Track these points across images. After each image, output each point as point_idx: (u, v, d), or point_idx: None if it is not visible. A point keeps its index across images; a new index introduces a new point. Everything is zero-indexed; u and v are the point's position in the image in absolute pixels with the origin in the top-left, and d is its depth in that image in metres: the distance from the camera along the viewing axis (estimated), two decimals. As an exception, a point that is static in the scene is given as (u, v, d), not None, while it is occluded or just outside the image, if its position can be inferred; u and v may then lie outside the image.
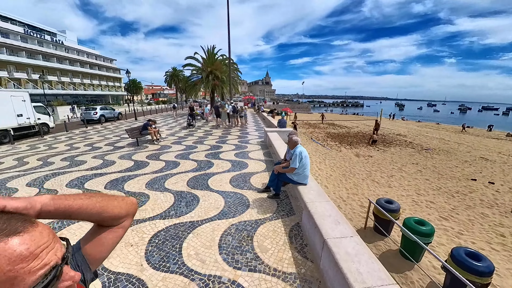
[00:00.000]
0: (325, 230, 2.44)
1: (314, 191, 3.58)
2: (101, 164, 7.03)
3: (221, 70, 25.29)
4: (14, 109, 12.17)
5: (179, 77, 45.47)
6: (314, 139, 15.97)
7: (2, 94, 11.98)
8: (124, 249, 2.99)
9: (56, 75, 43.29)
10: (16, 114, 12.27)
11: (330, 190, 6.67)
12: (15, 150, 9.85)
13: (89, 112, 19.61)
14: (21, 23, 40.34)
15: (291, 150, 4.11)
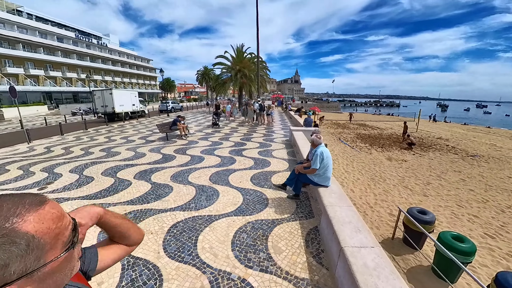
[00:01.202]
0: (343, 237, 2.27)
1: (336, 194, 3.38)
2: (133, 156, 7.55)
3: (250, 68, 25.43)
4: (131, 101, 20.38)
5: (210, 75, 46.96)
6: (343, 140, 15.25)
7: (126, 92, 20.77)
8: (144, 236, 3.14)
9: (101, 75, 48.01)
10: (131, 104, 20.39)
11: (356, 194, 6.28)
12: (64, 141, 11.08)
13: (164, 104, 29.44)
14: (73, 28, 45.61)
15: (313, 149, 3.95)
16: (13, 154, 8.40)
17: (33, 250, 0.40)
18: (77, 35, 44.57)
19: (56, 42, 39.81)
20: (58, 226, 0.45)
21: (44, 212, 0.43)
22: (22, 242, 0.38)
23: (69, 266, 0.48)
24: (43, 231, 0.41)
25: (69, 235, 0.47)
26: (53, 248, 0.43)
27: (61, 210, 0.48)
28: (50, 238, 0.43)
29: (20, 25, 35.53)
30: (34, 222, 0.41)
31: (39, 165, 6.80)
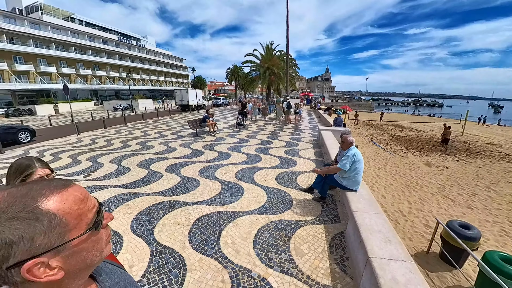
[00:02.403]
0: (371, 247, 2.13)
1: (365, 200, 3.20)
2: (165, 150, 8.02)
3: (278, 65, 25.21)
4: (196, 97, 25.48)
5: (239, 73, 47.71)
6: (375, 141, 14.36)
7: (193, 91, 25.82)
8: (172, 227, 3.33)
9: (139, 74, 51.78)
10: (198, 99, 25.75)
11: (388, 201, 5.87)
12: (106, 134, 12.18)
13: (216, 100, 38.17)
14: (116, 32, 50.15)
15: (344, 151, 3.76)
16: (65, 144, 9.51)
17: (55, 227, 0.43)
18: (120, 38, 49.02)
19: (102, 45, 44.21)
20: (80, 208, 0.48)
21: (66, 194, 0.47)
22: (45, 219, 0.42)
23: (96, 247, 0.51)
24: (64, 211, 0.45)
25: (92, 217, 0.50)
26: (76, 228, 0.46)
27: (85, 194, 0.51)
28: (72, 218, 0.46)
29: (73, 30, 40.07)
30: (56, 202, 0.45)
31: (85, 155, 7.59)
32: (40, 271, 0.42)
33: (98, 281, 0.60)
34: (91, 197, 0.53)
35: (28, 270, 0.41)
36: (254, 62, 27.73)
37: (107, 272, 0.64)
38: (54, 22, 37.56)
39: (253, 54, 27.47)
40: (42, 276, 0.42)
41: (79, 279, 0.51)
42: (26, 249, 0.40)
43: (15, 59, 31.50)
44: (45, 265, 0.43)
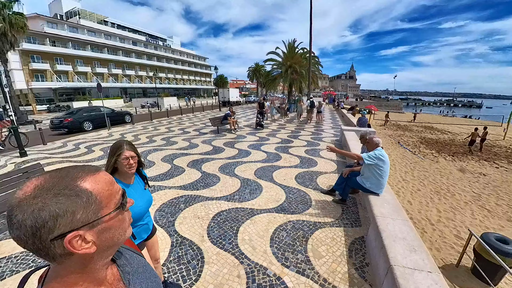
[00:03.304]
0: (394, 254, 2.02)
1: (389, 204, 3.04)
2: (188, 146, 8.30)
3: (301, 63, 24.75)
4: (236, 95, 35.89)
5: (261, 71, 47.75)
6: (403, 143, 13.56)
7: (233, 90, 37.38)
8: (192, 220, 3.46)
9: (165, 73, 54.12)
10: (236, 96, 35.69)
11: (415, 207, 5.53)
12: (134, 129, 12.90)
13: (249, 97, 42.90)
14: (144, 33, 52.87)
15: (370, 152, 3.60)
16: (98, 138, 10.27)
17: (92, 204, 0.49)
18: (147, 39, 51.79)
19: (131, 46, 47.06)
20: (110, 189, 0.54)
21: (99, 176, 0.53)
22: (84, 196, 0.48)
23: (122, 226, 0.57)
24: (98, 191, 0.51)
25: (119, 198, 0.56)
26: (107, 206, 0.52)
27: (112, 179, 0.58)
28: (104, 197, 0.52)
29: (106, 33, 43.03)
30: (91, 182, 0.50)
31: (116, 148, 8.11)
32: (78, 243, 0.47)
33: (119, 265, 0.65)
34: (116, 183, 0.59)
35: (69, 241, 0.46)
36: (276, 60, 27.51)
37: (127, 258, 0.69)
38: (90, 25, 40.61)
39: (275, 52, 27.26)
40: (79, 248, 0.47)
41: (105, 257, 0.57)
42: (68, 222, 0.45)
43: (56, 60, 34.51)
44: (82, 239, 0.48)
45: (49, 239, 0.44)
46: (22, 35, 18.12)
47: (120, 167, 1.51)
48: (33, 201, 0.43)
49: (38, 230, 0.43)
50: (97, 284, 0.56)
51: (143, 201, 1.65)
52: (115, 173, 1.56)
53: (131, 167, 1.52)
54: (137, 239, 1.64)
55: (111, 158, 1.49)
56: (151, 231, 1.82)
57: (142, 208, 1.63)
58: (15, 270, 2.60)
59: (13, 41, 17.46)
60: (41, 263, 0.51)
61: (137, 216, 1.60)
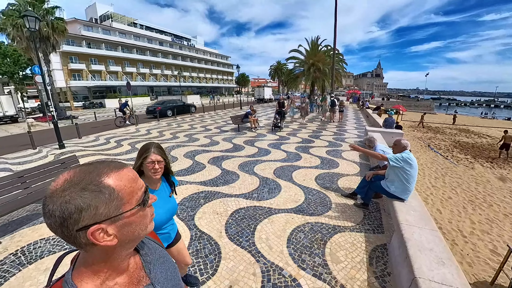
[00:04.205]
0: (419, 265, 1.90)
1: (416, 212, 2.86)
2: (209, 143, 8.51)
3: (324, 61, 24.08)
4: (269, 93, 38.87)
5: (282, 70, 47.37)
6: (433, 147, 12.66)
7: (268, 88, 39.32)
8: (211, 215, 3.54)
9: (188, 71, 55.87)
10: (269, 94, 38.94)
11: (445, 216, 5.13)
12: (159, 126, 13.49)
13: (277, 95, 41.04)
14: (169, 33, 55.02)
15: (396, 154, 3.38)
16: (126, 133, 10.91)
17: (114, 200, 0.51)
18: (173, 39, 54.01)
19: (158, 46, 49.31)
20: (132, 186, 0.56)
21: (122, 173, 0.55)
22: (106, 192, 0.50)
23: (143, 222, 0.59)
24: (121, 187, 0.53)
25: (141, 196, 0.58)
26: (128, 202, 0.54)
27: (136, 175, 0.59)
28: (126, 194, 0.54)
29: (135, 34, 45.48)
30: (115, 179, 0.53)
31: (141, 143, 8.56)
32: (100, 236, 0.50)
33: (142, 255, 0.69)
34: (140, 179, 0.61)
35: (92, 233, 0.49)
36: (298, 58, 27.06)
37: (149, 248, 0.73)
38: (121, 27, 43.17)
39: (297, 50, 26.82)
40: (101, 240, 0.50)
41: (127, 249, 0.60)
42: (92, 215, 0.48)
43: (91, 61, 37.19)
44: (104, 232, 0.51)
45: (75, 230, 0.48)
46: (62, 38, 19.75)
47: (145, 171, 1.43)
48: (62, 194, 0.47)
49: (65, 220, 0.47)
50: (120, 272, 0.60)
51: (164, 209, 1.55)
52: (141, 176, 1.46)
53: (156, 172, 1.43)
54: None
55: (138, 161, 1.44)
56: (174, 239, 1.73)
57: (162, 217, 1.54)
58: (52, 251, 2.87)
59: (55, 44, 19.12)
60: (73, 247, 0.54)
61: (157, 225, 1.50)
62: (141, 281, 0.64)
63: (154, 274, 0.68)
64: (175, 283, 0.75)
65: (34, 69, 15.32)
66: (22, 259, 2.75)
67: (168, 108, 17.87)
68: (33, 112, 28.39)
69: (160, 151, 1.46)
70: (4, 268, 2.62)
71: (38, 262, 2.71)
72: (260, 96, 37.21)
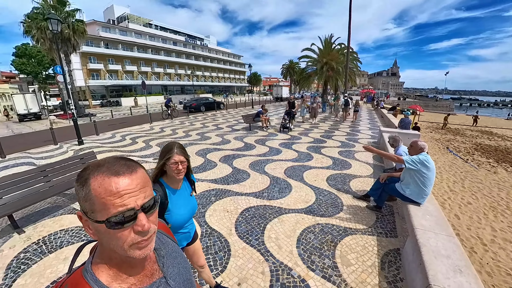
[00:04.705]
0: (434, 273, 1.82)
1: (432, 216, 2.75)
2: (220, 142, 8.59)
3: (337, 60, 23.58)
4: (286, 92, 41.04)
5: (295, 69, 46.98)
6: (452, 149, 12.11)
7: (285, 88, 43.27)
8: (221, 213, 3.58)
9: (201, 71, 56.61)
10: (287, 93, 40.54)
11: (463, 223, 4.90)
12: (172, 124, 13.78)
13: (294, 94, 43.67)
14: (183, 33, 55.98)
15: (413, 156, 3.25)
16: (141, 131, 11.23)
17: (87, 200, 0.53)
18: (186, 39, 54.95)
19: (172, 46, 50.30)
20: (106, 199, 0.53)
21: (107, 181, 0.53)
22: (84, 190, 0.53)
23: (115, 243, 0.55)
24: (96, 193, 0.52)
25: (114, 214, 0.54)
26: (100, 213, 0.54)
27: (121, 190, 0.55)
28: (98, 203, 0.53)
29: (150, 35, 46.66)
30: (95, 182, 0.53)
31: (155, 141, 8.80)
32: (85, 222, 0.55)
33: (156, 248, 0.70)
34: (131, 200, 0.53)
35: (79, 217, 0.56)
36: (311, 57, 26.66)
37: (162, 242, 0.75)
38: (137, 28, 44.39)
39: (310, 49, 26.42)
40: (85, 226, 0.55)
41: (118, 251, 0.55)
42: (81, 202, 0.53)
43: (109, 61, 38.52)
44: (86, 223, 0.55)
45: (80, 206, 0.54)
46: (82, 39, 20.62)
47: (168, 171, 1.44)
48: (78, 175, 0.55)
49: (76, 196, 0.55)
50: (134, 264, 0.61)
51: (186, 209, 1.57)
52: (164, 176, 1.49)
53: (180, 173, 1.43)
54: None
55: (160, 161, 1.43)
56: (192, 238, 1.74)
57: (184, 217, 1.56)
58: (70, 241, 3.02)
59: (75, 45, 19.99)
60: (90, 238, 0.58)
61: (178, 224, 1.53)
62: (155, 274, 0.65)
63: (167, 268, 0.69)
64: (187, 277, 0.77)
65: (56, 69, 16.10)
66: (44, 248, 2.92)
67: (201, 105, 20.92)
68: (54, 110, 29.87)
69: (183, 152, 1.46)
70: (27, 256, 2.78)
71: (58, 251, 2.85)
72: (278, 95, 39.81)
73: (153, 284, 0.63)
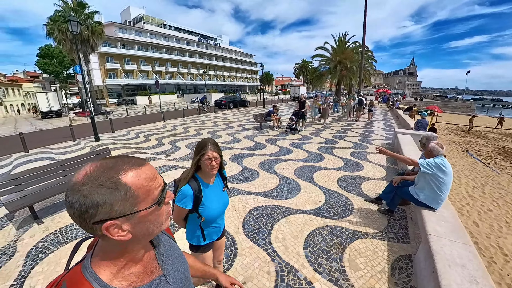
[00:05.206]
0: (447, 282, 1.73)
1: (448, 223, 2.62)
2: (231, 140, 8.65)
3: (352, 59, 23.05)
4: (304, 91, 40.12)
5: (307, 68, 46.46)
6: (472, 152, 11.52)
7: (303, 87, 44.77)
8: (230, 211, 3.60)
9: (213, 70, 57.22)
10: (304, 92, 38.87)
11: (482, 231, 4.64)
12: (184, 122, 14.02)
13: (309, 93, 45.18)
14: (196, 33, 56.74)
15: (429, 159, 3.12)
16: (154, 128, 11.52)
17: (129, 198, 0.52)
18: (199, 39, 55.79)
19: (185, 46, 51.20)
20: (149, 185, 0.56)
21: (140, 171, 0.55)
22: (122, 190, 0.51)
23: (158, 220, 0.60)
24: (137, 186, 0.53)
25: (157, 195, 0.58)
26: (144, 201, 0.55)
27: (154, 173, 0.59)
28: (142, 192, 0.54)
29: (164, 35, 47.72)
30: (132, 177, 0.53)
31: (167, 138, 8.99)
32: (115, 231, 0.52)
33: (155, 246, 0.71)
34: (159, 177, 0.61)
35: (106, 228, 0.51)
36: (324, 55, 26.24)
37: (162, 241, 0.75)
38: (152, 29, 45.52)
39: (323, 48, 26.00)
40: (115, 235, 0.53)
41: (142, 243, 0.62)
42: (107, 211, 0.50)
43: (125, 61, 39.81)
44: (119, 227, 0.53)
45: (91, 222, 0.50)
46: (100, 40, 21.42)
47: (203, 166, 1.49)
48: (81, 188, 0.49)
49: (82, 213, 0.49)
50: (135, 262, 0.62)
51: (219, 203, 1.62)
52: (198, 171, 1.55)
53: (213, 168, 1.48)
54: (206, 240, 1.64)
55: (196, 157, 1.49)
56: (221, 234, 1.81)
57: (217, 211, 1.61)
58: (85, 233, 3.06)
59: (94, 46, 20.82)
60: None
61: (211, 218, 1.59)
62: (154, 272, 0.66)
63: (166, 266, 0.70)
64: (185, 275, 0.77)
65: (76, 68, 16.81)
66: (60, 239, 3.07)
67: (231, 102, 23.85)
68: (74, 107, 31.27)
69: (217, 148, 1.50)
70: (45, 245, 2.94)
71: (73, 242, 2.99)
72: (296, 94, 40.90)
73: (153, 282, 0.64)
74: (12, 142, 9.71)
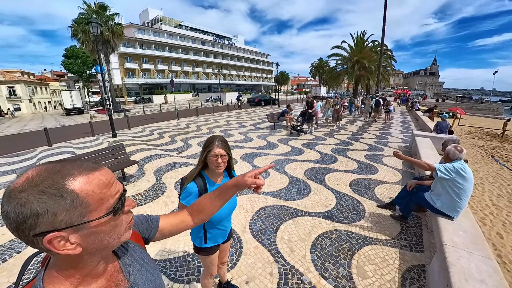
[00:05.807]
0: (464, 295, 1.62)
1: (466, 233, 2.44)
2: (243, 139, 8.67)
3: (370, 58, 22.35)
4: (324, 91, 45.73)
5: (324, 68, 45.67)
6: (498, 158, 10.76)
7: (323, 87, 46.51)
8: (237, 210, 3.60)
9: (228, 69, 57.72)
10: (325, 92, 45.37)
11: (506, 243, 4.31)
12: (198, 120, 14.25)
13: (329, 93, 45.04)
14: (211, 33, 57.44)
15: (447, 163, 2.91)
16: (168, 126, 11.81)
17: (77, 207, 0.46)
18: (214, 38, 56.57)
19: (200, 45, 52.10)
20: (103, 192, 0.50)
21: (92, 177, 0.49)
22: (68, 198, 0.45)
23: (115, 231, 0.54)
24: (87, 193, 0.47)
25: (113, 203, 0.52)
26: (96, 210, 0.49)
27: (110, 179, 0.53)
28: (94, 201, 0.48)
29: (180, 35, 48.85)
30: (81, 183, 0.47)
31: (180, 136, 9.18)
32: (60, 244, 0.46)
33: (119, 257, 0.65)
34: (116, 183, 0.55)
35: (49, 241, 0.45)
36: (342, 55, 25.63)
37: (128, 250, 0.69)
38: (168, 29, 46.71)
39: (341, 47, 25.39)
40: (61, 249, 0.46)
41: (98, 257, 0.55)
42: (49, 222, 0.44)
43: (143, 60, 41.16)
44: (65, 240, 0.46)
45: (31, 235, 0.44)
46: (120, 41, 22.30)
47: (209, 163, 1.44)
48: (18, 195, 0.43)
49: (20, 224, 0.43)
50: (95, 277, 0.56)
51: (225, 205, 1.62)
52: (206, 169, 1.49)
53: (219, 166, 1.42)
54: (208, 242, 1.58)
55: (202, 154, 1.44)
56: (227, 237, 1.74)
57: (222, 212, 1.51)
58: None
59: (114, 46, 21.71)
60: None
61: (215, 219, 1.53)
62: (120, 285, 0.61)
63: (134, 276, 0.65)
64: (156, 284, 0.72)
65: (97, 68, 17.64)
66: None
67: (262, 100, 26.94)
68: (95, 105, 32.88)
69: (224, 145, 1.44)
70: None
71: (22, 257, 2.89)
72: (317, 94, 44.07)
73: None
74: (38, 137, 10.33)
